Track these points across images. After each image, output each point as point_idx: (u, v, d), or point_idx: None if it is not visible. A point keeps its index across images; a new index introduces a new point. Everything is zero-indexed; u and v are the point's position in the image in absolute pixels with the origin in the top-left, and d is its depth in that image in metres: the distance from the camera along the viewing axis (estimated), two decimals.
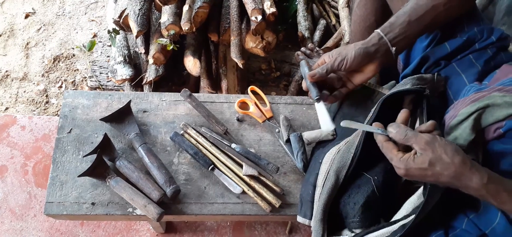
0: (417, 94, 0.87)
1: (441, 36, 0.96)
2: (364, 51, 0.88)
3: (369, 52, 0.88)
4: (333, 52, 0.92)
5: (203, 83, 1.64)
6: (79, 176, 0.99)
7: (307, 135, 1.06)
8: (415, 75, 0.92)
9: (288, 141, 1.09)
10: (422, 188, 0.77)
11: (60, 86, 1.90)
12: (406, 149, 0.71)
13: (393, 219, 0.79)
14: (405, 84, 0.90)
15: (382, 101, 0.85)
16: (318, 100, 0.96)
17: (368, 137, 0.83)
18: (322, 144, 1.06)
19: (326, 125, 0.95)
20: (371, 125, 0.76)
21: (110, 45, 1.95)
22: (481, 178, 0.64)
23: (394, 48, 0.88)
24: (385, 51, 0.88)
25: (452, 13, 0.89)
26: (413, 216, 0.74)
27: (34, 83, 1.91)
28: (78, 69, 1.95)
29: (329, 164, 0.89)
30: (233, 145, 1.07)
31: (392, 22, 0.88)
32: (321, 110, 0.96)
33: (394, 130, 0.71)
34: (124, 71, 1.65)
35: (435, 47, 0.96)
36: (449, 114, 0.85)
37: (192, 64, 1.56)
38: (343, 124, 0.77)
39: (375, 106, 0.87)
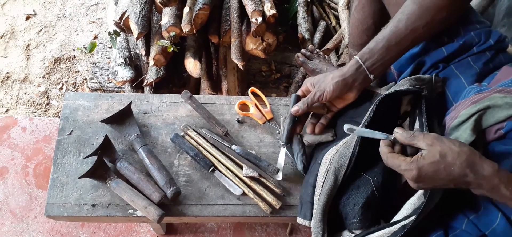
0: (415, 95, 0.88)
1: (437, 41, 0.96)
2: (342, 83, 0.89)
3: (347, 83, 0.90)
4: (314, 81, 0.94)
5: (204, 84, 1.64)
6: (80, 177, 0.99)
7: (307, 137, 1.07)
8: (413, 76, 0.92)
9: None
10: None
11: (61, 88, 1.90)
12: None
13: (393, 220, 0.79)
14: (403, 84, 0.91)
15: (379, 102, 0.85)
16: (283, 145, 1.04)
17: (366, 137, 0.83)
18: (322, 146, 1.06)
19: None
20: (367, 126, 0.75)
21: (110, 47, 1.95)
22: (492, 164, 0.62)
23: (372, 75, 0.90)
24: (363, 78, 0.90)
25: (432, 32, 0.89)
26: (413, 217, 0.74)
27: (35, 85, 1.91)
28: (78, 71, 1.95)
29: (328, 164, 0.90)
30: (234, 146, 1.08)
31: (371, 48, 0.88)
32: (282, 155, 1.05)
33: (399, 131, 0.71)
34: (125, 73, 1.65)
35: (432, 52, 0.96)
36: (450, 116, 0.85)
37: (192, 66, 1.56)
38: (346, 127, 0.77)
39: (371, 107, 0.87)
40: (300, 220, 0.96)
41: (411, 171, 0.65)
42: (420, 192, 0.77)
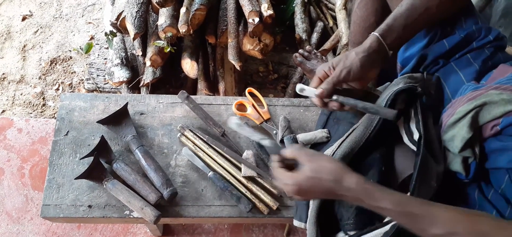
0: (409, 93, 0.88)
1: (440, 32, 0.97)
2: (367, 58, 0.86)
3: (371, 59, 0.87)
4: (333, 62, 0.89)
5: (201, 85, 1.63)
6: (76, 178, 0.98)
7: (302, 137, 1.06)
8: (406, 75, 0.92)
9: (282, 142, 1.09)
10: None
11: (57, 89, 1.89)
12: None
13: (386, 219, 0.79)
14: (397, 84, 0.91)
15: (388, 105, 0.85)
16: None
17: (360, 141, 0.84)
18: (317, 147, 1.06)
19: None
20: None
21: (107, 48, 1.94)
22: (358, 177, 0.70)
23: (391, 52, 0.89)
24: (384, 54, 0.88)
25: (444, 13, 0.90)
26: None
27: (31, 86, 1.90)
28: (75, 72, 1.94)
29: None
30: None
31: (390, 25, 0.88)
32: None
33: (288, 150, 0.78)
34: (121, 74, 1.64)
35: (433, 45, 0.97)
36: (447, 113, 0.86)
37: (189, 67, 1.56)
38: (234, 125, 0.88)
39: (386, 100, 0.86)
40: (296, 223, 0.96)
41: (293, 186, 0.74)
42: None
